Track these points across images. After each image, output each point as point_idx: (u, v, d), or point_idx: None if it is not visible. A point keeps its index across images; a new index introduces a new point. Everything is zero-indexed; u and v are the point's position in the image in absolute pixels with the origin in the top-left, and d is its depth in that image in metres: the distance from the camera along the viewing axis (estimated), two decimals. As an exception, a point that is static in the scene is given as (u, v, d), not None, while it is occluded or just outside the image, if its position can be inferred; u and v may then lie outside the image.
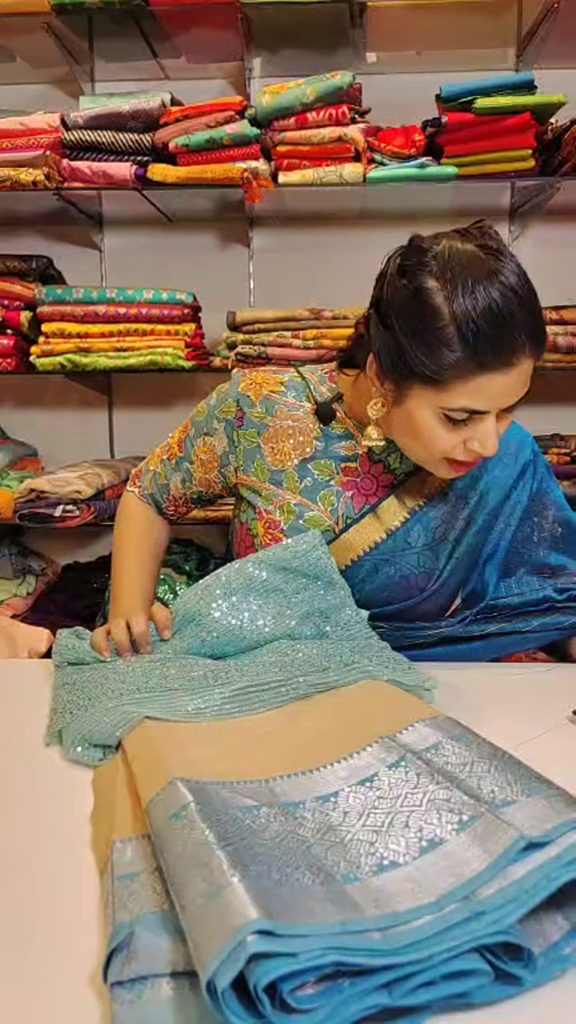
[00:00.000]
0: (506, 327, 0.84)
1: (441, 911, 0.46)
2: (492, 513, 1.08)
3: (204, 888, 0.46)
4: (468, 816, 0.53)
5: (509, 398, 0.89)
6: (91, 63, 2.34)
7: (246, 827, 0.53)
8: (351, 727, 0.71)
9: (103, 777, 0.71)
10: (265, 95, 2.02)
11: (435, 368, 0.86)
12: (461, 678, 0.97)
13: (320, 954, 0.41)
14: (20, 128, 2.07)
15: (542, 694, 0.93)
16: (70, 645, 0.97)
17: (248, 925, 0.41)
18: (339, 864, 0.51)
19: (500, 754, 0.61)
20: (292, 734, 0.73)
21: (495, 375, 0.86)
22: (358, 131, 2.00)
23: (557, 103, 1.94)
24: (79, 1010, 0.45)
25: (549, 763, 0.61)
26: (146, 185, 2.08)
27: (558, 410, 2.41)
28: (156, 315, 2.12)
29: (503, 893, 0.47)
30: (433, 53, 2.23)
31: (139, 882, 0.52)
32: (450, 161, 2.00)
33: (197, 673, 0.88)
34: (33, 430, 2.52)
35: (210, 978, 0.40)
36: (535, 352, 0.88)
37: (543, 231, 2.36)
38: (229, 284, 2.40)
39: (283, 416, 1.07)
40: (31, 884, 0.57)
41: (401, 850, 0.52)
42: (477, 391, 0.87)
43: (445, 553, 1.07)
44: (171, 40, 2.18)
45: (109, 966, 0.45)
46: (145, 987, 0.45)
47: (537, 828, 0.50)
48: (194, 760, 0.65)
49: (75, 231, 2.41)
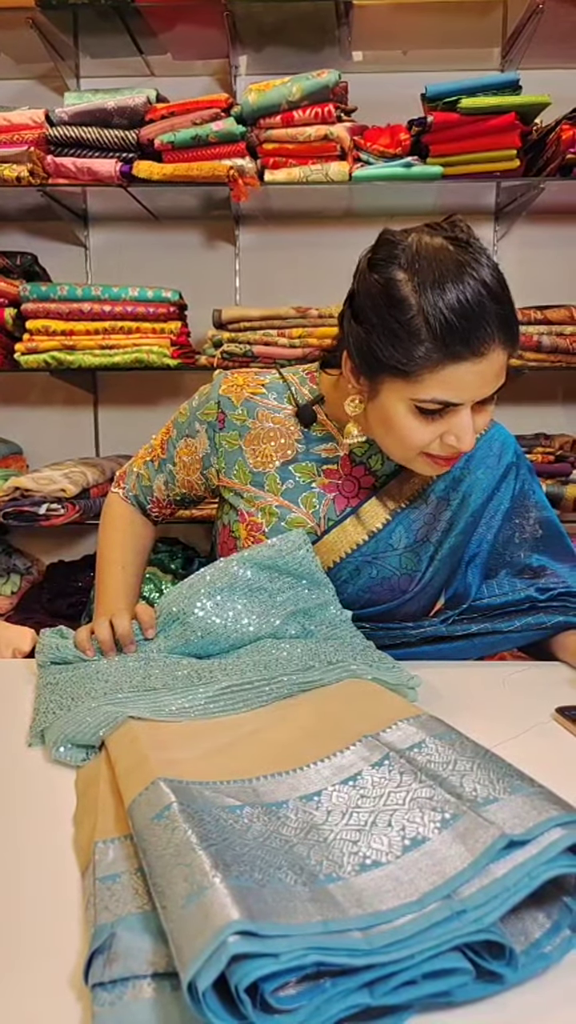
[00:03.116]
0: (474, 317, 0.84)
1: (423, 910, 0.46)
2: (474, 515, 1.08)
3: (186, 889, 0.45)
4: (451, 814, 0.53)
5: (481, 390, 0.89)
6: (76, 59, 2.32)
7: (229, 827, 0.53)
8: (335, 726, 0.71)
9: (86, 777, 0.70)
10: (251, 93, 2.02)
11: (404, 360, 0.86)
12: (444, 676, 0.97)
13: (302, 954, 0.41)
14: (4, 124, 2.06)
15: (525, 693, 0.94)
16: (53, 644, 0.96)
17: (230, 926, 0.41)
18: (322, 863, 0.51)
19: (483, 752, 0.61)
20: (276, 733, 0.73)
21: (465, 365, 0.85)
22: (344, 130, 2.00)
23: (542, 103, 1.95)
24: (60, 1012, 0.45)
25: (532, 761, 0.61)
26: (131, 182, 2.07)
27: (542, 409, 2.43)
28: (142, 313, 2.11)
29: (485, 891, 0.47)
30: (419, 52, 2.24)
31: (121, 883, 0.52)
32: (435, 160, 2.01)
33: (181, 672, 0.88)
34: (17, 428, 2.51)
35: (191, 979, 0.40)
36: (506, 343, 0.87)
37: (528, 231, 2.37)
38: (215, 282, 2.39)
39: (264, 418, 1.08)
40: (13, 885, 0.57)
41: (384, 849, 0.52)
42: (447, 382, 0.86)
43: (427, 555, 1.07)
44: (157, 37, 2.17)
45: (90, 967, 0.45)
46: (126, 988, 0.44)
47: (519, 826, 0.50)
48: (177, 760, 0.65)
49: (60, 228, 2.40)
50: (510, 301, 0.88)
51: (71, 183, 2.09)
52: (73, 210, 2.35)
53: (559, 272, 2.36)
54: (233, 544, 1.09)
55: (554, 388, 2.42)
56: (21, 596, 2.33)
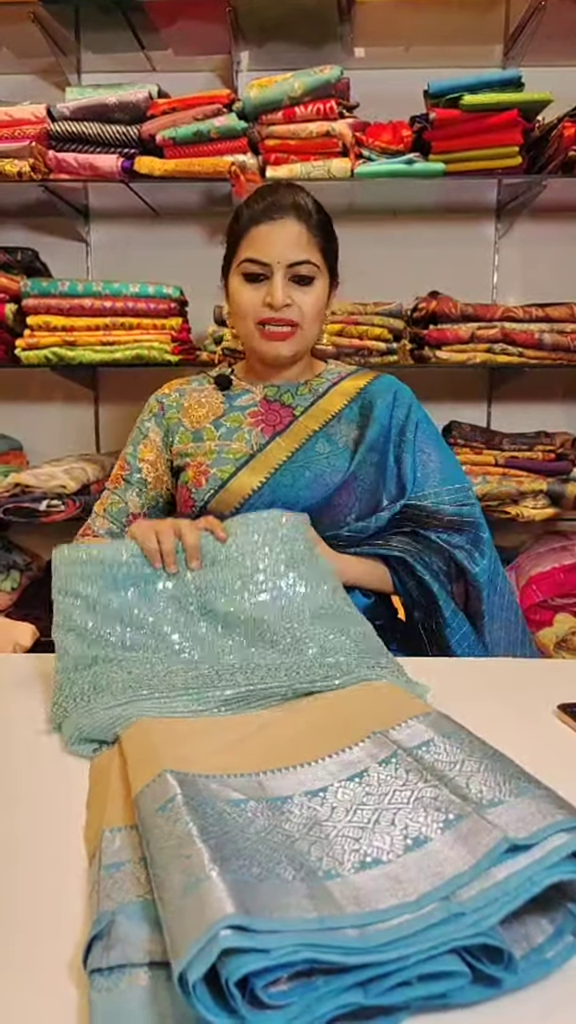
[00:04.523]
0: (271, 194, 1.18)
1: (420, 910, 0.45)
2: (382, 429, 1.24)
3: (183, 880, 0.46)
4: (454, 815, 0.52)
5: (283, 252, 1.15)
6: (78, 54, 2.32)
7: (231, 821, 0.53)
8: (345, 722, 0.71)
9: (99, 767, 0.71)
10: (252, 88, 2.01)
11: (231, 242, 1.21)
12: (446, 673, 0.97)
13: (293, 951, 0.41)
14: (6, 119, 2.05)
15: (528, 689, 0.94)
16: (80, 571, 0.91)
17: (223, 920, 0.41)
18: (322, 860, 0.51)
19: (491, 753, 0.61)
20: (286, 728, 0.73)
21: (263, 227, 1.16)
22: (346, 126, 1.99)
23: (544, 101, 1.95)
24: (59, 996, 0.46)
25: (534, 758, 0.61)
26: (133, 178, 2.06)
27: (543, 407, 2.42)
28: (142, 309, 2.11)
29: (484, 895, 0.46)
30: (421, 49, 2.23)
31: (124, 871, 0.53)
32: (438, 157, 2.01)
33: (202, 671, 0.86)
34: (18, 424, 2.50)
35: (182, 971, 0.40)
36: (299, 216, 1.15)
37: (529, 229, 2.37)
38: (216, 278, 2.37)
39: (192, 396, 1.33)
40: (22, 872, 0.57)
41: (385, 847, 0.52)
42: (253, 243, 1.17)
43: (347, 456, 1.24)
44: (158, 32, 2.16)
45: (89, 953, 0.46)
46: (123, 976, 0.45)
47: (523, 829, 0.49)
48: (187, 755, 0.65)
49: (61, 223, 2.39)
50: (307, 195, 1.19)
51: (72, 178, 2.09)
52: (74, 206, 2.35)
53: (560, 270, 2.35)
54: (187, 495, 1.25)
55: (555, 386, 2.41)
56: (21, 592, 2.32)
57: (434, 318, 2.12)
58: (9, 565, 2.38)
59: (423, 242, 2.36)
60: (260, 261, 1.16)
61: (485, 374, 2.41)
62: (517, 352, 2.10)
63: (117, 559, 0.93)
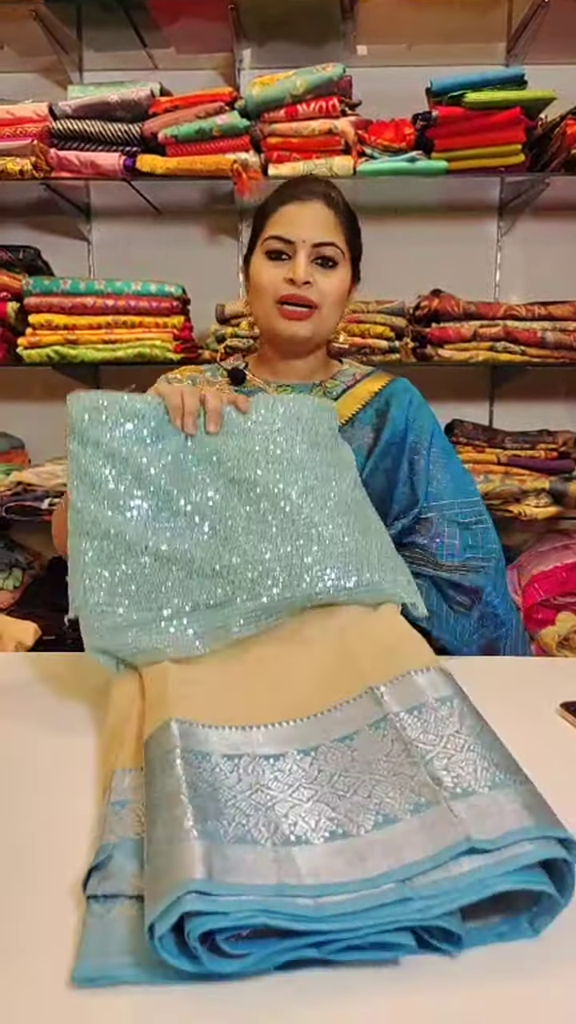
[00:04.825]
0: (302, 181, 1.20)
1: (374, 889, 0.48)
2: (397, 434, 1.18)
3: (166, 834, 0.51)
4: (425, 800, 0.54)
5: (309, 231, 1.13)
6: (80, 52, 2.32)
7: (221, 778, 0.58)
8: (348, 665, 0.73)
9: (119, 694, 0.76)
10: (255, 86, 2.01)
11: (258, 223, 1.18)
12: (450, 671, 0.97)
13: (250, 915, 0.46)
14: (8, 117, 2.06)
15: (530, 687, 0.94)
16: (99, 417, 0.86)
17: (189, 883, 0.45)
18: (296, 825, 0.54)
19: (478, 729, 0.61)
20: (290, 667, 0.75)
21: (292, 206, 1.15)
22: (348, 124, 1.99)
23: (547, 98, 1.94)
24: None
25: (536, 756, 0.61)
26: (135, 176, 2.06)
27: (546, 406, 2.42)
28: (144, 307, 2.11)
29: (437, 885, 0.48)
30: (423, 47, 2.23)
31: (128, 809, 0.59)
32: (440, 155, 2.00)
33: (220, 574, 0.84)
34: (20, 422, 2.50)
35: (151, 924, 0.45)
36: (328, 202, 1.15)
37: (532, 227, 2.36)
38: (218, 277, 2.39)
39: (205, 385, 1.16)
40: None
41: (357, 821, 0.54)
42: (281, 220, 1.15)
43: (360, 464, 1.14)
44: (160, 30, 2.16)
45: (88, 881, 0.52)
46: (115, 904, 0.51)
47: (487, 831, 0.50)
48: (194, 694, 0.70)
49: (63, 222, 2.39)
50: (338, 192, 1.19)
51: (74, 177, 2.09)
52: (76, 204, 2.35)
53: (563, 268, 2.35)
54: None
55: (557, 384, 2.41)
56: (23, 591, 2.32)
57: (436, 316, 2.12)
58: (11, 564, 2.38)
59: (425, 240, 2.36)
60: (285, 238, 1.14)
61: (487, 372, 2.41)
62: (519, 350, 2.10)
63: (138, 411, 0.89)
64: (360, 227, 1.23)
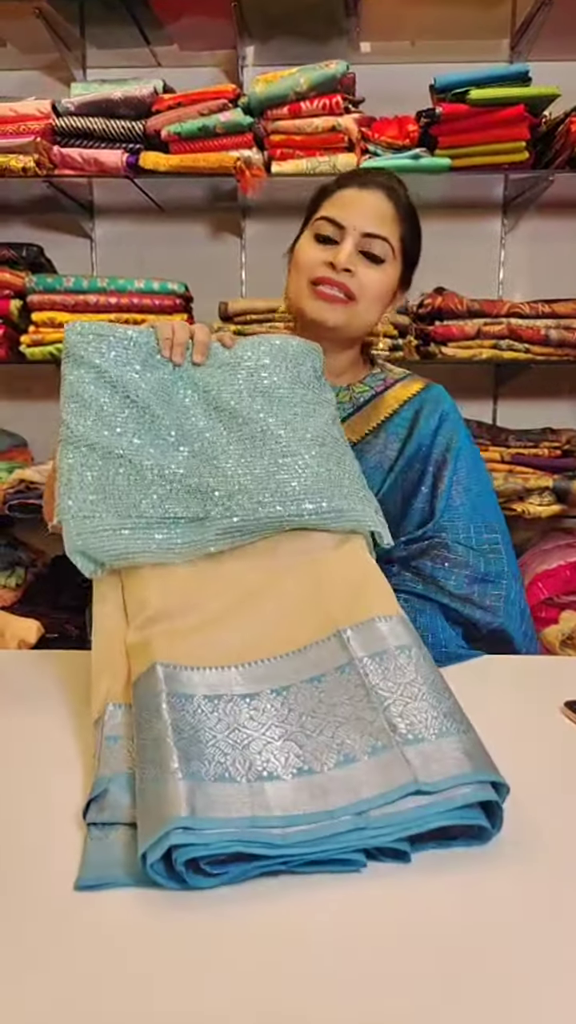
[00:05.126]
0: (364, 172, 1.16)
1: (334, 819, 0.57)
2: (422, 449, 1.13)
3: (154, 774, 0.59)
4: (381, 744, 0.62)
5: (363, 219, 1.07)
6: (82, 49, 2.32)
7: (203, 719, 0.65)
8: (315, 602, 0.78)
9: (102, 614, 0.82)
10: (258, 84, 2.00)
11: (313, 205, 1.14)
12: (452, 670, 0.97)
13: (227, 844, 0.54)
14: (11, 114, 2.05)
15: (534, 686, 0.93)
16: (94, 343, 0.92)
17: (175, 820, 0.54)
18: (268, 762, 0.62)
19: (432, 679, 0.68)
20: (260, 597, 0.81)
21: (351, 190, 1.10)
22: (352, 121, 1.99)
23: (551, 95, 1.94)
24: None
25: (539, 755, 0.61)
26: (138, 173, 2.06)
27: (549, 404, 2.42)
28: (147, 305, 2.11)
29: (387, 819, 0.57)
30: (427, 43, 2.23)
31: (120, 744, 0.67)
32: (444, 152, 2.00)
33: (198, 492, 0.88)
34: (23, 420, 2.51)
35: (143, 853, 0.53)
36: (389, 194, 1.09)
37: (536, 224, 2.36)
38: (221, 274, 2.39)
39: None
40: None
41: (321, 759, 0.62)
42: (336, 202, 1.10)
43: (379, 479, 1.13)
44: (164, 27, 2.16)
45: (88, 809, 0.61)
46: (112, 830, 0.59)
47: (431, 776, 0.59)
48: (176, 630, 0.75)
49: (66, 219, 2.39)
50: (403, 186, 1.13)
51: (77, 174, 2.09)
52: (79, 201, 2.35)
53: (567, 265, 2.34)
54: None
55: (561, 382, 2.40)
56: (26, 589, 2.32)
57: (440, 314, 2.11)
58: (14, 561, 2.38)
59: (429, 237, 2.32)
60: (336, 221, 1.08)
61: (491, 370, 2.40)
62: (523, 348, 2.09)
63: (131, 337, 0.95)
64: (422, 237, 1.16)
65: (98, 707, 0.72)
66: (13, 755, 0.76)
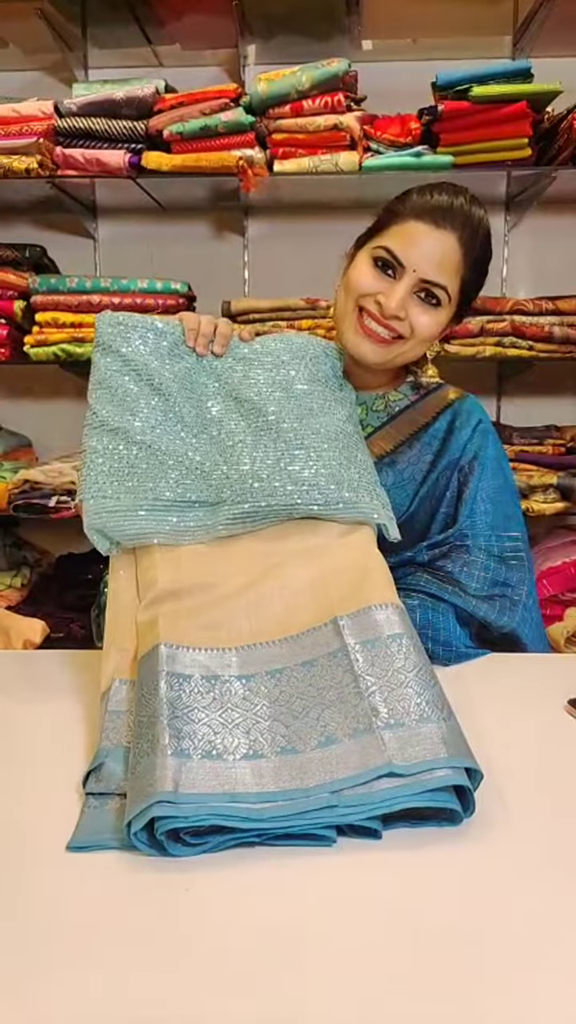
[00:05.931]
0: (451, 194, 1.03)
1: (308, 797, 0.60)
2: (452, 461, 1.12)
3: (147, 749, 0.63)
4: (362, 728, 0.65)
5: (427, 261, 1.01)
6: (84, 49, 2.32)
7: (197, 699, 0.69)
8: (317, 590, 0.81)
9: (119, 588, 0.85)
10: (260, 82, 2.00)
11: (383, 222, 1.06)
12: (455, 668, 0.97)
13: (205, 818, 0.59)
14: (13, 115, 2.06)
15: (538, 684, 0.93)
16: (123, 332, 0.97)
17: (159, 795, 0.58)
18: (256, 741, 0.65)
19: (419, 668, 0.70)
20: (266, 592, 0.82)
21: (422, 226, 1.01)
22: (354, 119, 1.98)
23: (554, 92, 1.93)
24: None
25: (543, 753, 0.61)
26: (140, 173, 2.06)
27: (553, 401, 2.41)
28: (151, 305, 2.11)
29: (359, 797, 0.60)
30: (429, 41, 2.22)
31: (121, 719, 0.71)
32: (446, 150, 1.99)
33: (211, 480, 0.92)
34: (27, 420, 2.51)
35: (128, 821, 0.59)
36: (461, 239, 1.02)
37: (539, 221, 2.35)
38: (224, 274, 2.39)
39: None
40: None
41: (304, 739, 0.65)
42: (403, 234, 1.02)
43: (411, 491, 1.13)
44: (165, 27, 2.16)
45: (87, 780, 0.66)
46: (108, 800, 0.65)
47: (406, 759, 0.62)
48: (182, 610, 0.78)
49: (69, 220, 2.40)
50: (485, 218, 1.05)
51: (80, 175, 2.09)
52: (82, 202, 2.35)
53: (570, 262, 2.34)
54: None
55: (565, 380, 2.40)
56: (31, 589, 2.33)
57: (443, 312, 2.11)
58: (19, 561, 2.39)
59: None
60: (397, 259, 1.02)
61: (494, 368, 2.40)
62: (527, 345, 2.09)
63: (159, 328, 0.99)
64: (488, 268, 1.09)
65: (106, 681, 0.76)
66: (20, 743, 0.76)
